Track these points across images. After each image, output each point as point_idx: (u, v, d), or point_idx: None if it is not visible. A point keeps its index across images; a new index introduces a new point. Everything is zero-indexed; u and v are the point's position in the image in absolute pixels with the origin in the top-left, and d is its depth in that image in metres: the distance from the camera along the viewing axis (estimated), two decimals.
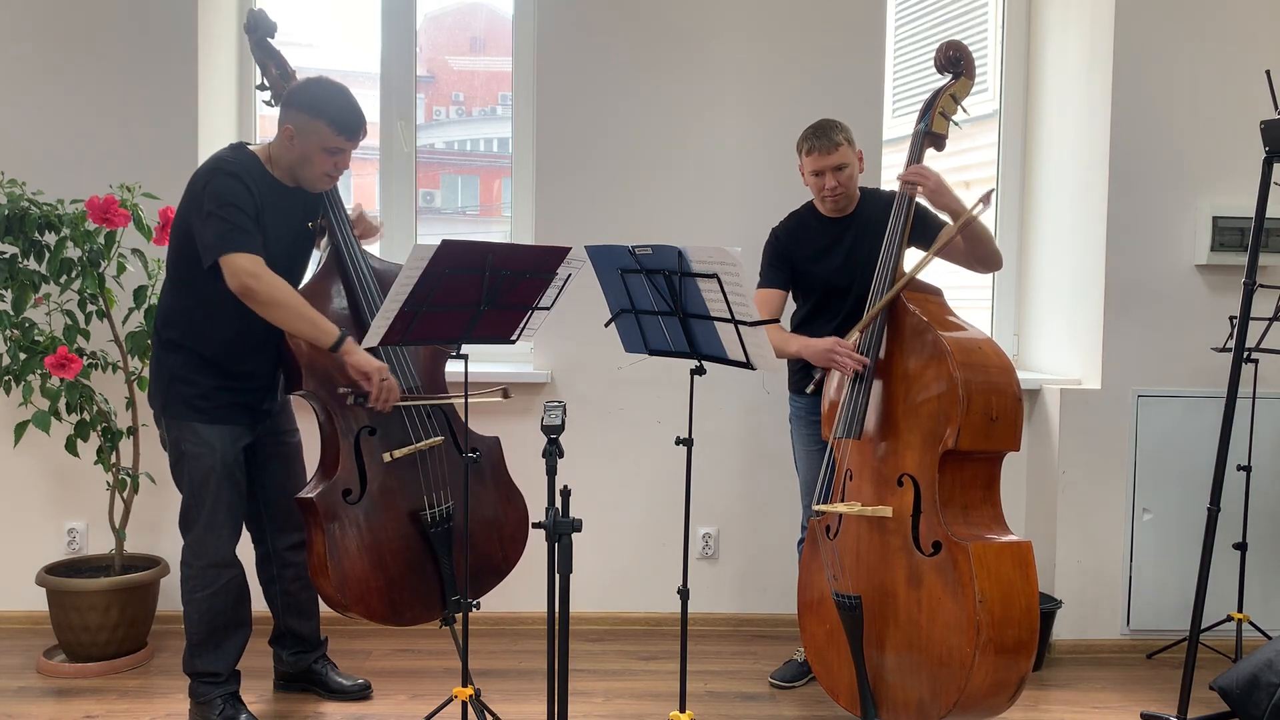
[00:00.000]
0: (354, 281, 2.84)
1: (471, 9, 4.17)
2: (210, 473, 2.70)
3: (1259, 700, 2.65)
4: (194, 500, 2.73)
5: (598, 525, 3.66)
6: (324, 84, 2.68)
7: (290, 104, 2.66)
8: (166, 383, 2.72)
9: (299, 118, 2.63)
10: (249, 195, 2.59)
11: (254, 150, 2.71)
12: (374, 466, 2.77)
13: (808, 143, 3.01)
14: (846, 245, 3.06)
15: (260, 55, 2.95)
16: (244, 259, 2.53)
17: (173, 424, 2.73)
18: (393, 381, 2.65)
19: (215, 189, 2.57)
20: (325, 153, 2.65)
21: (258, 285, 2.53)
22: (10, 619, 3.64)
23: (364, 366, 2.61)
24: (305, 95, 2.65)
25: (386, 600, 2.76)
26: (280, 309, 2.56)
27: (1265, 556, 3.60)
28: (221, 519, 2.73)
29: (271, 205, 2.67)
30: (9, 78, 3.57)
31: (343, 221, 2.88)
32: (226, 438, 2.72)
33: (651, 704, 3.07)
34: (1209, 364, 3.54)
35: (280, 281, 2.57)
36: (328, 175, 2.70)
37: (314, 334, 2.58)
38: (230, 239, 2.54)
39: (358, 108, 2.67)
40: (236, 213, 2.55)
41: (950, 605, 2.45)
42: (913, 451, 2.60)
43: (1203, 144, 3.57)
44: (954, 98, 2.84)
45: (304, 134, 2.63)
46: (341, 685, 3.05)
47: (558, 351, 3.73)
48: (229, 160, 2.64)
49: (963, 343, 2.59)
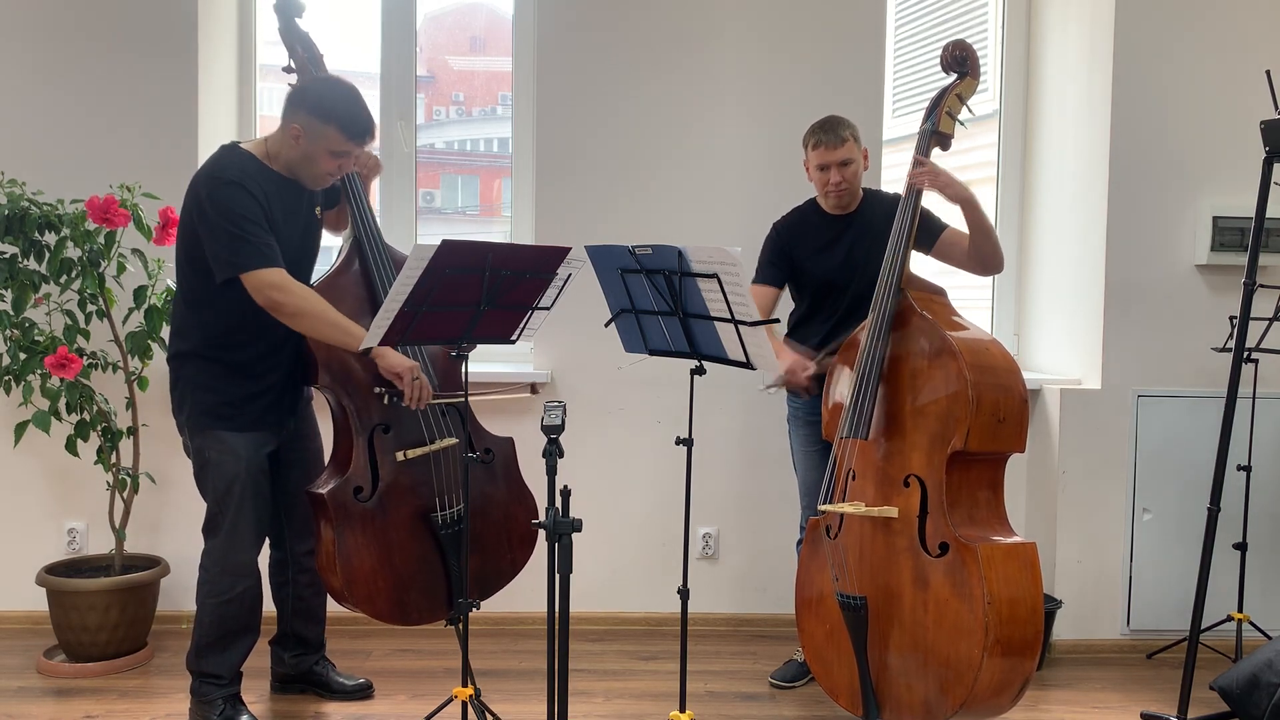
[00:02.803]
0: (374, 272, 2.83)
1: (471, 9, 4.17)
2: (235, 480, 2.67)
3: (1259, 700, 2.65)
4: (219, 508, 2.70)
5: (598, 525, 3.66)
6: (336, 86, 2.64)
7: (300, 104, 2.60)
8: (186, 392, 2.69)
9: (309, 120, 2.58)
10: (255, 203, 2.55)
11: (247, 148, 2.66)
12: (387, 465, 2.76)
13: (814, 136, 3.01)
14: (847, 243, 3.07)
15: (288, 38, 2.89)
16: (267, 274, 2.52)
17: (196, 434, 2.70)
18: (425, 380, 2.64)
19: (221, 201, 2.52)
20: (331, 155, 2.62)
21: (285, 299, 2.52)
22: (10, 619, 3.64)
23: (396, 367, 2.61)
24: (315, 96, 2.61)
25: (393, 599, 2.76)
26: (309, 318, 2.54)
27: (1265, 556, 3.60)
28: (245, 526, 2.71)
29: (277, 202, 2.64)
30: (9, 77, 3.57)
31: (365, 212, 2.85)
32: (251, 445, 2.69)
33: (651, 704, 3.07)
34: (1209, 364, 3.54)
35: (306, 291, 2.56)
36: (329, 175, 2.68)
37: (343, 339, 2.56)
38: (248, 256, 2.51)
39: (368, 112, 2.63)
40: (249, 225, 2.52)
41: (958, 606, 2.44)
42: (920, 452, 2.59)
43: (1203, 144, 3.57)
44: (960, 97, 2.84)
45: (312, 136, 2.58)
46: (343, 685, 3.04)
47: (558, 351, 3.73)
48: (227, 166, 2.58)
49: (971, 344, 2.59)
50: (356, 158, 2.72)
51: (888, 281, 2.73)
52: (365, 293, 2.85)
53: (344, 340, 2.56)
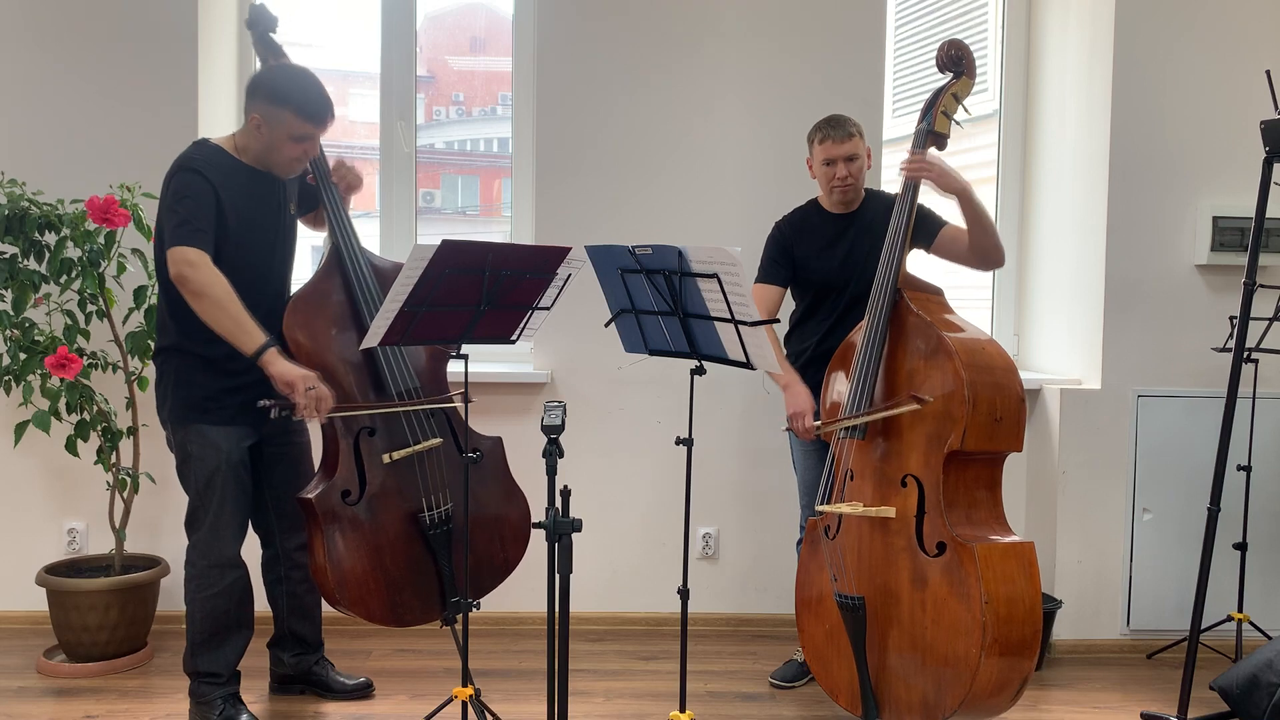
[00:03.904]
0: (353, 280, 2.84)
1: (471, 9, 4.17)
2: (215, 473, 2.70)
3: (1259, 700, 2.65)
4: (199, 501, 2.73)
5: (598, 525, 3.66)
6: (288, 70, 2.69)
7: (255, 92, 2.65)
8: (168, 388, 2.73)
9: (264, 106, 2.62)
10: (208, 188, 2.58)
11: (218, 142, 2.71)
12: (374, 468, 2.77)
13: (820, 131, 3.02)
14: (848, 243, 3.07)
15: (262, 50, 2.95)
16: (186, 251, 2.53)
17: (177, 428, 2.73)
18: (322, 390, 2.56)
19: (174, 185, 2.61)
20: (293, 140, 2.64)
21: (192, 274, 2.51)
22: (10, 619, 3.64)
23: (287, 376, 2.53)
24: (269, 83, 2.65)
25: (385, 601, 2.76)
26: (209, 302, 2.52)
27: (1265, 556, 3.60)
28: (226, 520, 2.73)
29: (243, 191, 2.67)
30: (9, 77, 3.57)
31: (343, 219, 2.88)
32: (231, 438, 2.72)
33: (651, 704, 3.07)
34: (1209, 364, 3.54)
35: (219, 279, 2.54)
36: (296, 161, 2.70)
37: (236, 335, 2.53)
38: (178, 233, 2.55)
39: (324, 93, 2.66)
40: (190, 205, 2.56)
41: (955, 606, 2.45)
42: (917, 452, 2.60)
43: (1203, 144, 3.57)
44: (955, 97, 2.84)
45: (270, 122, 2.62)
46: (343, 685, 3.04)
47: (558, 351, 3.73)
48: (191, 157, 2.64)
49: (968, 343, 2.59)
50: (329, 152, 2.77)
51: (883, 281, 2.74)
52: (345, 299, 2.85)
53: (238, 337, 2.53)
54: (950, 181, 2.78)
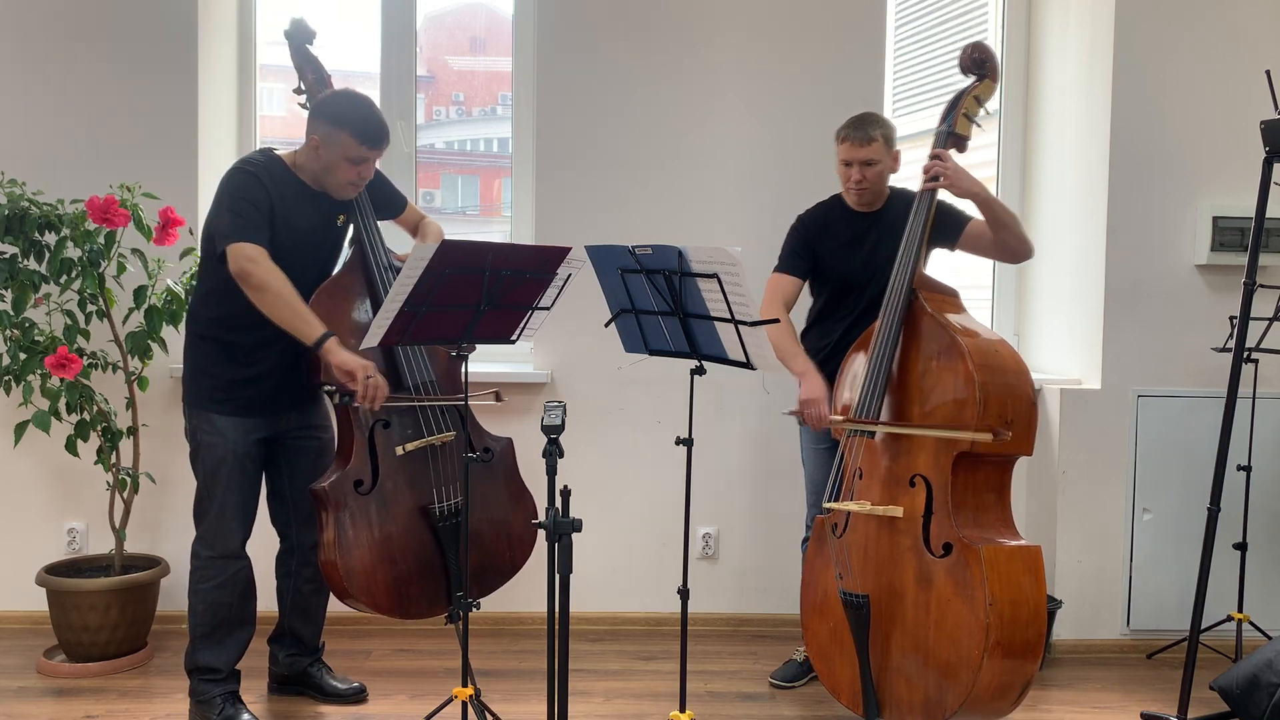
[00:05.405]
0: (376, 277, 2.88)
1: (471, 9, 4.17)
2: (221, 462, 2.75)
3: (1259, 700, 2.65)
4: (206, 490, 2.78)
5: (598, 525, 3.66)
6: (349, 96, 2.79)
7: (317, 115, 2.75)
8: (192, 373, 2.81)
9: (325, 129, 2.71)
10: (263, 191, 2.68)
11: (280, 154, 2.82)
12: (387, 459, 2.80)
13: (844, 131, 3.01)
14: (870, 242, 3.05)
15: (298, 61, 3.02)
16: (246, 247, 2.61)
17: (192, 413, 2.80)
18: (379, 380, 2.63)
19: (230, 183, 2.70)
20: (349, 162, 2.73)
21: (254, 269, 2.60)
22: (10, 619, 3.64)
23: (348, 365, 2.61)
24: (331, 107, 2.75)
25: (393, 593, 2.78)
26: (270, 295, 2.60)
27: (1265, 556, 3.60)
28: (231, 510, 2.78)
29: (293, 203, 2.75)
30: (9, 78, 3.57)
31: (368, 219, 2.93)
32: (240, 429, 2.77)
33: (651, 704, 3.07)
34: (1209, 364, 3.54)
35: (278, 272, 2.62)
36: (352, 184, 2.79)
37: (298, 326, 2.61)
38: (236, 229, 2.63)
39: (380, 118, 2.76)
40: (246, 206, 2.65)
41: (960, 607, 2.45)
42: (926, 453, 2.59)
43: (1203, 144, 3.57)
44: (977, 99, 2.84)
45: (329, 144, 2.71)
46: (336, 689, 3.04)
47: (558, 351, 3.73)
48: (251, 160, 2.76)
49: (980, 345, 2.59)
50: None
51: (899, 282, 2.73)
52: (366, 294, 2.89)
53: (299, 328, 2.61)
54: (965, 186, 2.77)
